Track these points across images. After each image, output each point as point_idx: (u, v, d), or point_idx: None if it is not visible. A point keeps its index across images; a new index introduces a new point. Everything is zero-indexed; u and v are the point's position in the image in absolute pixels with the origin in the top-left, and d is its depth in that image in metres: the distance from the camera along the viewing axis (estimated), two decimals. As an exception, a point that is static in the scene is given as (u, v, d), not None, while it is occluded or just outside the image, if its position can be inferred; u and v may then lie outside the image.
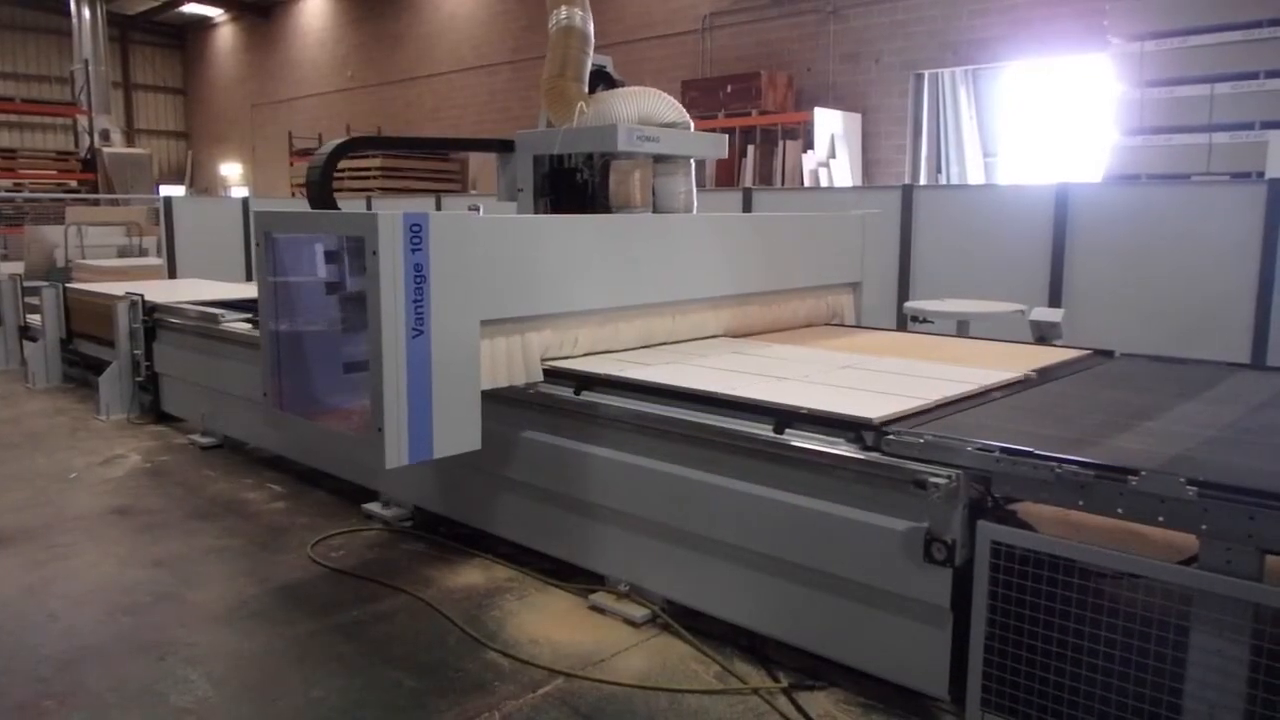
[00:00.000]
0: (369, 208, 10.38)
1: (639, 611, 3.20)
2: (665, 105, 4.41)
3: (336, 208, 4.21)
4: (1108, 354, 4.07)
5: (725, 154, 4.85)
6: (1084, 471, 2.34)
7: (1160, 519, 2.23)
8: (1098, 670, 2.32)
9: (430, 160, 13.86)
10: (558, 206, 4.45)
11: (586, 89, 4.42)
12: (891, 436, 2.63)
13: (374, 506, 4.34)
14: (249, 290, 7.08)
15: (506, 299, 3.40)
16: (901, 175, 11.43)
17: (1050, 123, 10.98)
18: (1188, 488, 2.17)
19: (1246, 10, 6.74)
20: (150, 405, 6.28)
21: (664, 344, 4.09)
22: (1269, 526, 2.10)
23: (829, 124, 11.55)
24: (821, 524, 2.73)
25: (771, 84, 12.11)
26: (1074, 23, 9.59)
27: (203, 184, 26.02)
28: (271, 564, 3.82)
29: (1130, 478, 2.26)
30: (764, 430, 2.88)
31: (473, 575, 3.66)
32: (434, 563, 3.79)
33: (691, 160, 4.57)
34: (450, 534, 4.03)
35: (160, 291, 6.76)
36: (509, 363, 3.45)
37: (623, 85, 4.55)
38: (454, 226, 3.11)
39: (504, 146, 4.68)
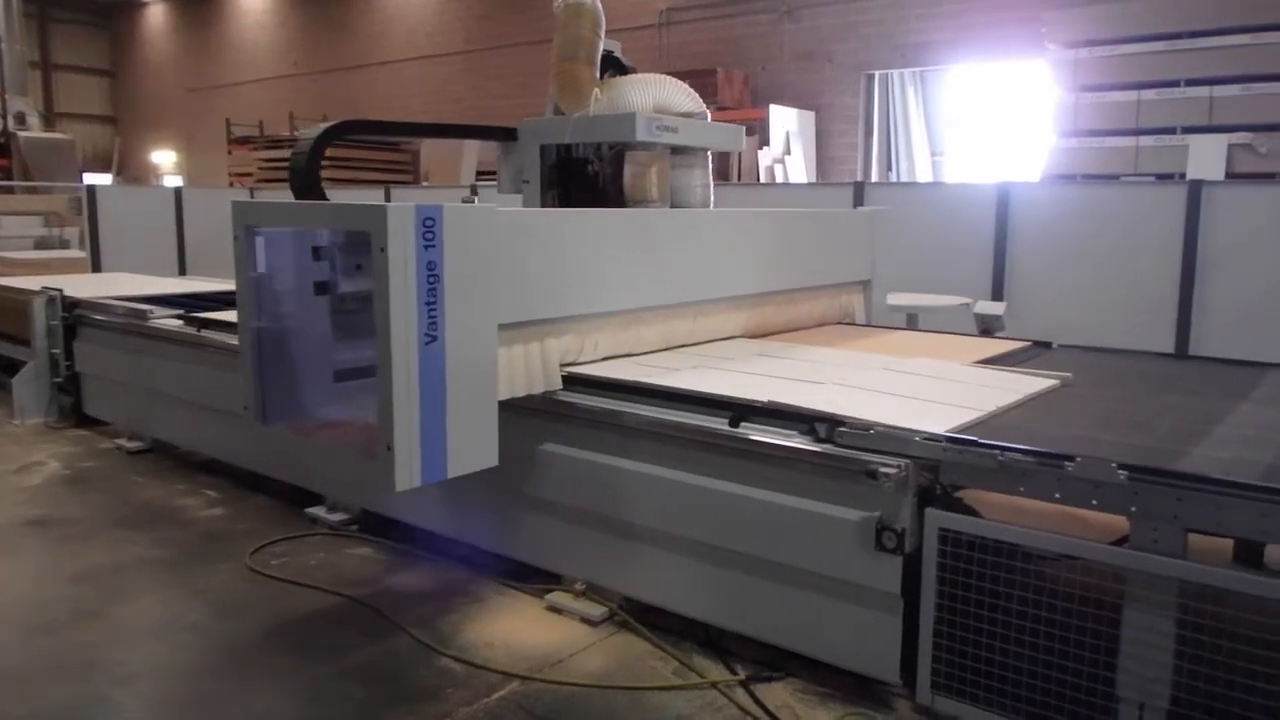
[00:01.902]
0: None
1: (596, 610, 3.21)
2: (682, 94, 4.18)
3: (324, 198, 3.88)
4: (1045, 345, 4.23)
5: (743, 147, 4.72)
6: (1025, 459, 2.43)
7: (1094, 502, 2.33)
8: (1040, 649, 2.40)
9: (380, 151, 13.60)
10: (566, 199, 4.18)
11: (598, 74, 4.14)
12: (844, 428, 2.70)
13: (318, 510, 4.25)
14: (181, 285, 6.88)
15: (527, 300, 3.15)
16: (854, 172, 11.65)
17: (993, 124, 11.27)
18: (1119, 472, 2.28)
19: (1169, 22, 7.03)
20: (71, 408, 5.93)
21: (684, 347, 3.91)
22: (1192, 507, 2.21)
23: (784, 121, 11.72)
24: (777, 516, 2.77)
25: (728, 81, 12.23)
26: (1015, 29, 9.86)
27: (133, 172, 24.99)
28: (207, 574, 3.68)
29: (1066, 464, 2.36)
30: (719, 424, 2.92)
31: (424, 579, 3.62)
32: (383, 567, 3.73)
33: (709, 153, 4.37)
34: (400, 537, 3.97)
35: (83, 286, 6.38)
36: (527, 370, 3.18)
37: (633, 71, 4.32)
38: (471, 220, 2.84)
39: (506, 135, 4.38)
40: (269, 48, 20.68)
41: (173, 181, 21.77)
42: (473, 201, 3.02)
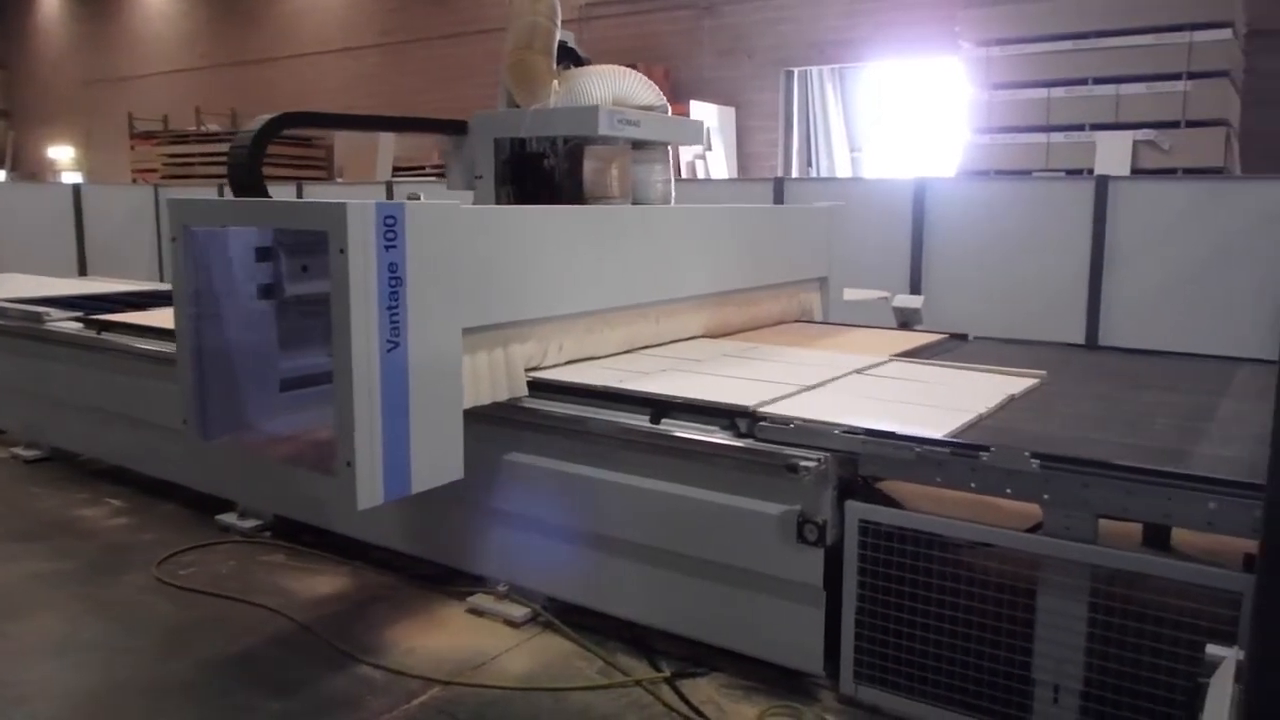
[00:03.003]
0: (220, 196, 9.83)
1: (519, 611, 3.16)
2: (642, 86, 4.05)
3: (266, 194, 3.64)
4: (962, 337, 4.32)
5: (703, 141, 4.61)
6: (940, 450, 2.46)
7: (1008, 490, 2.37)
8: (959, 636, 2.44)
9: (291, 145, 13.21)
10: (521, 196, 4.00)
11: (555, 65, 3.95)
12: (764, 423, 2.69)
13: (229, 517, 4.12)
14: (81, 286, 6.57)
15: (492, 303, 3.01)
16: (774, 168, 11.76)
17: (910, 120, 11.50)
18: (1031, 460, 2.32)
19: (1077, 22, 7.26)
20: (-39, 417, 5.60)
21: (648, 348, 3.79)
22: (1100, 492, 2.27)
23: (705, 117, 11.74)
24: (699, 512, 2.76)
25: (649, 76, 12.19)
26: (930, 27, 10.07)
27: (28, 169, 23.79)
28: (111, 587, 3.53)
29: (981, 454, 2.39)
30: (641, 421, 2.89)
31: (341, 584, 3.52)
32: (298, 574, 3.63)
33: (669, 147, 4.25)
34: (315, 542, 3.85)
35: (-32, 287, 6.04)
36: (491, 376, 3.04)
37: (588, 62, 4.16)
38: (434, 218, 2.68)
39: (456, 128, 4.17)
40: (173, 39, 19.90)
41: (71, 178, 20.78)
42: (418, 198, 2.81)
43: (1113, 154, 6.98)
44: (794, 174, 11.77)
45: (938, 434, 2.55)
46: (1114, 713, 2.26)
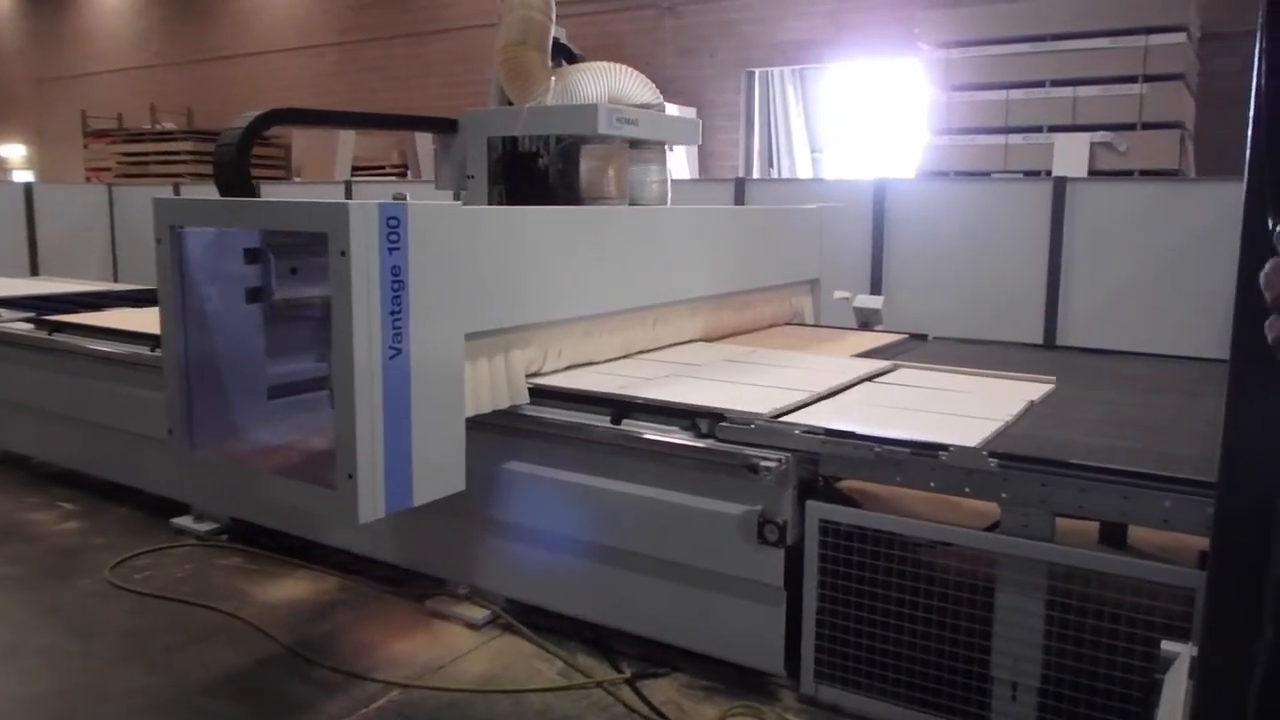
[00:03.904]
0: (177, 195, 9.67)
1: (479, 613, 3.13)
2: (639, 84, 3.94)
3: (254, 194, 3.51)
4: (922, 338, 4.35)
5: (699, 140, 4.48)
6: (900, 449, 2.47)
7: (967, 490, 2.38)
8: (919, 635, 2.45)
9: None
10: (514, 197, 3.89)
11: (550, 61, 3.84)
12: (725, 423, 2.69)
13: (185, 520, 4.04)
14: (33, 286, 6.41)
15: (493, 307, 2.91)
16: (736, 168, 11.79)
17: (871, 121, 11.58)
18: (989, 459, 2.33)
19: (1035, 25, 7.35)
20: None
21: (645, 353, 3.70)
22: (1057, 491, 2.29)
23: (667, 117, 11.74)
24: (661, 512, 2.75)
25: (609, 76, 12.16)
26: (889, 29, 10.14)
27: (-22, 169, 23.30)
28: (62, 592, 3.45)
29: (940, 453, 2.40)
30: (602, 421, 2.87)
31: (299, 588, 3.47)
32: (255, 577, 3.57)
33: (665, 146, 4.15)
34: (273, 545, 3.79)
35: (-80, 288, 5.88)
36: (492, 383, 2.94)
37: (582, 59, 4.06)
38: (436, 219, 2.59)
39: (446, 126, 4.03)
40: (127, 36, 19.51)
41: (23, 177, 20.30)
42: (404, 198, 2.68)
43: (1070, 155, 7.08)
44: (755, 174, 11.81)
45: (971, 443, 2.46)
46: (1071, 709, 2.28)
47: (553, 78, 3.78)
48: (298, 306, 2.94)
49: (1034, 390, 3.20)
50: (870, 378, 3.36)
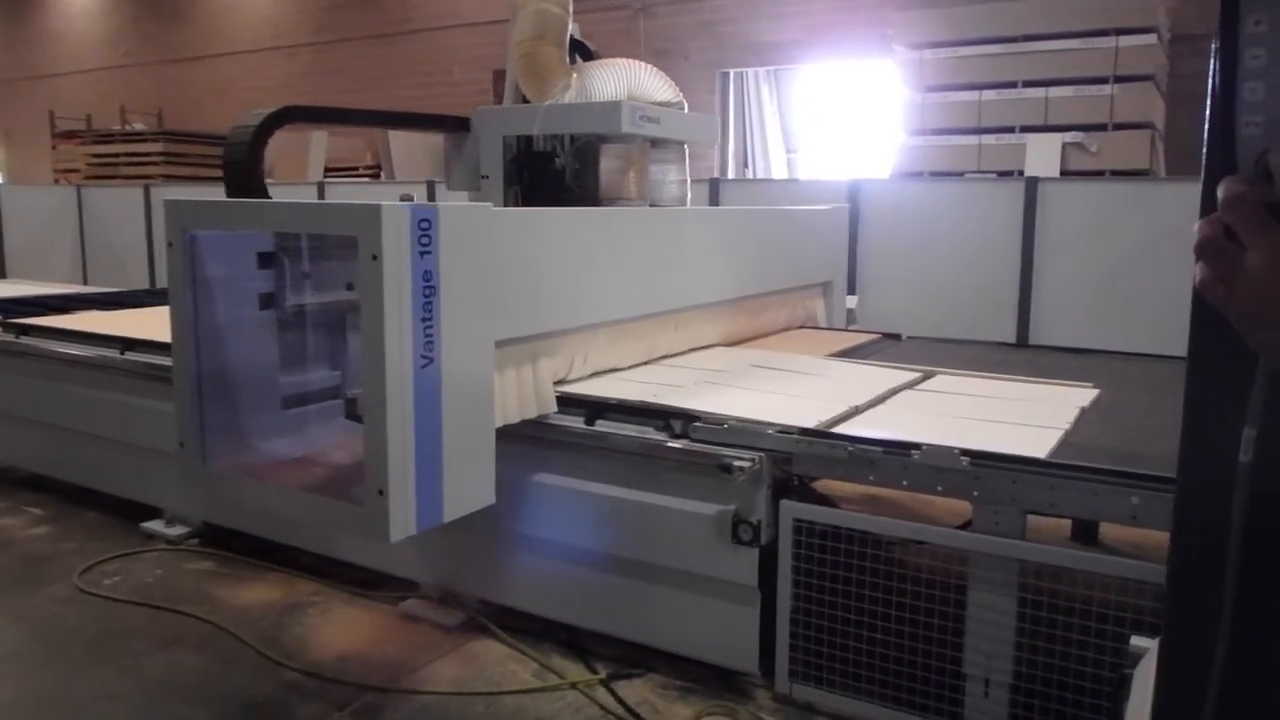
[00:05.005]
0: (147, 197, 9.53)
1: (453, 616, 3.12)
2: (659, 82, 3.82)
3: (266, 194, 3.35)
4: (895, 337, 4.37)
5: (717, 139, 4.44)
6: (873, 448, 2.47)
7: (939, 488, 2.39)
8: (892, 633, 2.46)
9: (217, 146, 12.89)
10: (529, 198, 3.76)
11: (567, 57, 3.73)
12: (699, 423, 2.69)
13: (155, 525, 3.99)
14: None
15: (523, 313, 2.79)
16: (711, 169, 11.81)
17: (845, 122, 11.63)
18: (961, 458, 2.34)
19: (1007, 26, 7.41)
20: None
21: (667, 358, 3.60)
22: (1027, 489, 2.30)
23: (641, 119, 11.74)
24: (635, 513, 2.74)
25: (585, 76, 12.15)
26: (863, 30, 10.19)
27: (-54, 170, 22.89)
28: (29, 598, 3.40)
29: (913, 452, 2.41)
30: (575, 422, 2.86)
31: (270, 592, 3.43)
32: (226, 581, 3.53)
33: (685, 146, 4.04)
34: (244, 549, 3.75)
35: None
36: (519, 392, 2.84)
37: (597, 56, 3.96)
38: (468, 221, 2.46)
39: (458, 125, 3.90)
40: (97, 36, 19.27)
41: (-11, 178, 19.99)
42: (411, 198, 2.53)
43: (1042, 156, 7.14)
44: (730, 175, 11.83)
45: (1041, 453, 2.38)
46: (1043, 705, 2.29)
47: (574, 74, 3.68)
48: (312, 313, 2.85)
49: (1081, 397, 3.11)
50: (909, 385, 3.26)
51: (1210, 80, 0.81)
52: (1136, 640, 1.75)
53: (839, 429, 2.65)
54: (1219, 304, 0.78)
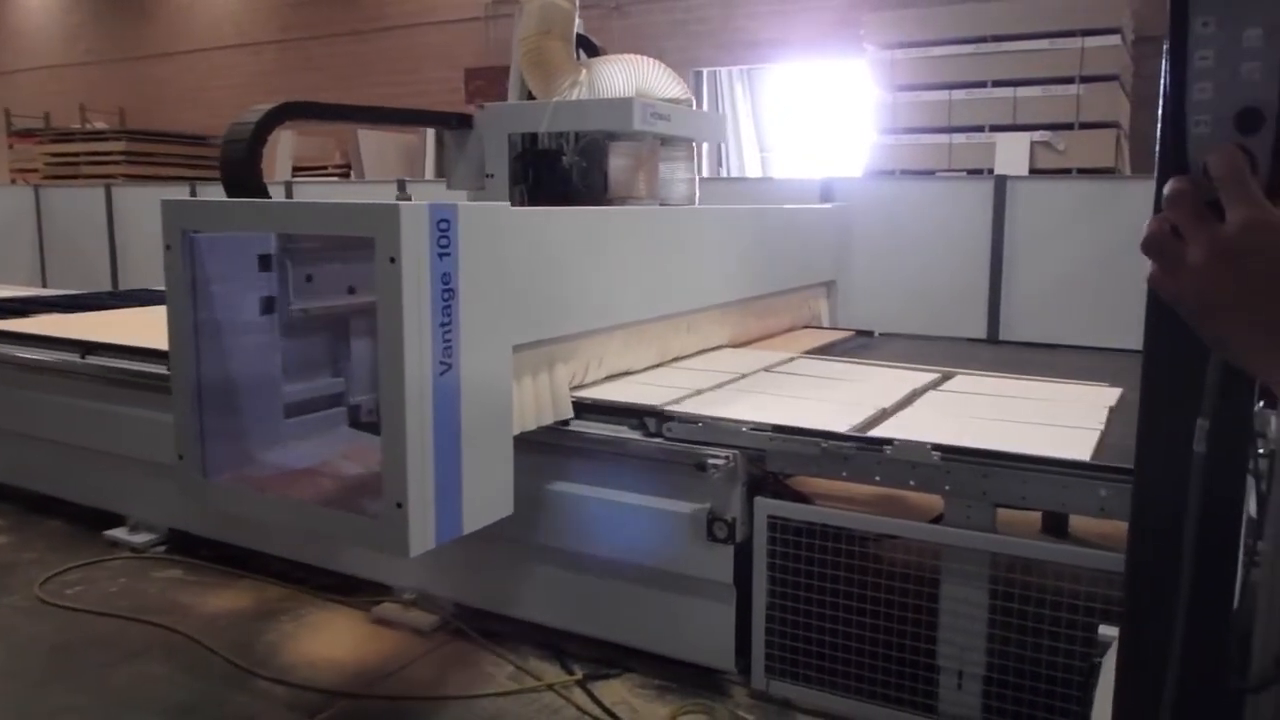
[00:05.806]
0: (109, 197, 9.37)
1: (427, 620, 3.09)
2: (667, 78, 3.76)
3: (266, 194, 3.29)
4: (868, 334, 4.40)
5: (725, 137, 4.37)
6: (845, 444, 2.48)
7: (911, 483, 2.40)
8: (867, 627, 2.47)
9: (185, 146, 12.70)
10: (535, 197, 3.67)
11: (574, 52, 3.65)
12: (672, 421, 2.68)
13: (119, 533, 3.91)
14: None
15: (540, 316, 2.72)
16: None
17: (818, 120, 11.70)
18: (933, 453, 2.36)
19: (976, 27, 7.49)
20: None
21: (678, 361, 3.54)
22: (997, 483, 2.32)
23: (615, 117, 11.73)
24: (610, 513, 2.73)
25: (558, 75, 12.12)
26: (835, 29, 10.26)
27: (-101, 169, 22.37)
28: (-12, 610, 3.33)
29: (885, 448, 2.42)
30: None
31: (240, 599, 3.38)
32: (194, 589, 3.47)
33: (694, 144, 3.98)
34: (213, 556, 3.69)
35: None
36: (536, 398, 2.76)
37: (602, 51, 3.90)
38: (486, 221, 2.37)
39: (460, 121, 3.80)
40: (56, 32, 18.92)
41: (-58, 178, 19.56)
42: (408, 198, 2.42)
43: (1011, 154, 7.22)
44: (705, 173, 11.87)
45: (1084, 455, 2.35)
46: (1015, 695, 2.31)
47: (582, 70, 3.62)
48: (315, 317, 2.77)
49: (1108, 397, 3.08)
50: (932, 386, 3.23)
51: (1162, 80, 0.82)
52: (1105, 629, 1.77)
53: (876, 431, 2.60)
54: (1169, 299, 0.80)
